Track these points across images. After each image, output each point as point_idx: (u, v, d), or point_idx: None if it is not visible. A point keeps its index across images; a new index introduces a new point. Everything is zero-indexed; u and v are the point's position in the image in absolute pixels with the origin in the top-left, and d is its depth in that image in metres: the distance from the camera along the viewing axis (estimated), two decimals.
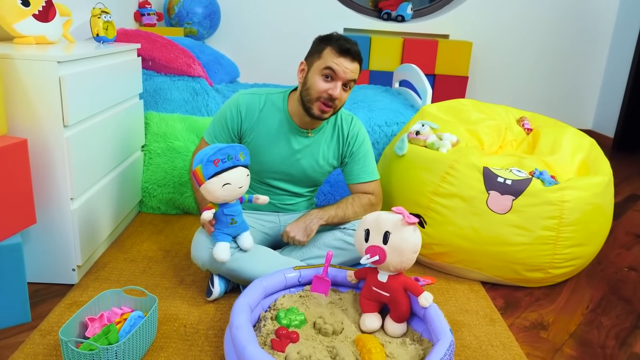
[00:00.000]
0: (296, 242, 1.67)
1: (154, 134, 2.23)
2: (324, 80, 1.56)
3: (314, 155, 1.72)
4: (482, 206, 1.71)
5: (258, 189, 1.78)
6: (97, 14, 1.96)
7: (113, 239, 1.98)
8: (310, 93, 1.58)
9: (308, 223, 1.67)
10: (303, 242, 1.66)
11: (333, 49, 1.55)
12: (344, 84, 1.57)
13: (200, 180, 1.42)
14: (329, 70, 1.54)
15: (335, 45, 1.55)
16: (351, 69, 1.55)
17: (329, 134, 1.73)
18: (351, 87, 1.61)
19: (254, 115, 1.68)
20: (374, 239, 1.42)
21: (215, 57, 2.90)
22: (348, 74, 1.55)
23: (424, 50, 3.79)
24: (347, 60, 1.54)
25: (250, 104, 1.68)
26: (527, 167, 1.80)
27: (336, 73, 1.54)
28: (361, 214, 1.72)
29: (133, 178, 2.15)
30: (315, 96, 1.57)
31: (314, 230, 1.66)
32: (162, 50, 2.32)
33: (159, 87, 2.33)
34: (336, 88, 1.55)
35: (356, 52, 1.56)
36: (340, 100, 1.59)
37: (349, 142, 1.73)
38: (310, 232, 1.66)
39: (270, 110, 1.68)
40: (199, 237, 1.58)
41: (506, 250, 1.71)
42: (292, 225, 1.67)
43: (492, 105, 2.26)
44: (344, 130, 1.74)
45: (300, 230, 1.66)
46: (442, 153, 1.84)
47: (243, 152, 1.47)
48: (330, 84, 1.55)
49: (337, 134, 1.73)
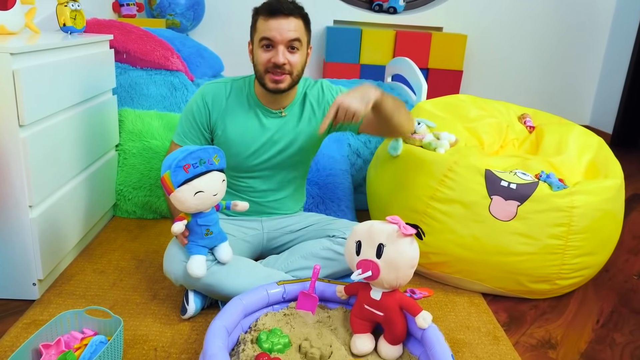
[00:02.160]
0: (349, 115, 1.29)
1: (128, 133, 2.06)
2: (265, 50, 1.44)
3: (292, 132, 1.58)
4: (484, 212, 1.56)
5: (237, 187, 1.63)
6: (64, 2, 1.78)
7: (82, 247, 1.82)
8: (258, 69, 1.47)
9: (364, 90, 1.34)
10: (359, 113, 1.29)
11: (262, 15, 1.44)
12: (288, 46, 1.43)
13: (169, 189, 1.26)
14: (265, 40, 1.42)
15: (264, 10, 1.44)
16: (288, 27, 1.41)
17: (302, 105, 1.59)
18: (300, 47, 1.45)
19: (221, 104, 1.55)
20: (366, 252, 1.27)
21: (197, 50, 2.72)
22: (285, 33, 1.41)
23: (417, 43, 3.64)
24: (280, 19, 1.41)
25: (216, 92, 1.56)
26: (532, 169, 1.65)
27: (272, 39, 1.41)
28: (407, 119, 1.51)
29: (106, 180, 1.98)
30: (262, 70, 1.46)
31: (371, 98, 1.32)
32: (137, 42, 2.15)
33: (135, 82, 2.16)
34: (278, 54, 1.42)
35: (288, 8, 1.42)
36: (292, 64, 1.45)
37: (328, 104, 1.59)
38: (368, 100, 1.32)
39: (237, 97, 1.56)
40: (171, 249, 1.42)
41: (510, 260, 1.57)
42: (343, 95, 1.31)
43: (491, 101, 2.11)
44: (316, 98, 1.59)
45: (356, 97, 1.31)
46: (440, 154, 1.70)
47: (217, 155, 1.32)
48: (271, 52, 1.43)
49: (311, 106, 1.59)
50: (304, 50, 1.48)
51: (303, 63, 1.49)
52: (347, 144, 2.24)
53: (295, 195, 1.73)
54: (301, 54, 1.47)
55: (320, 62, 3.90)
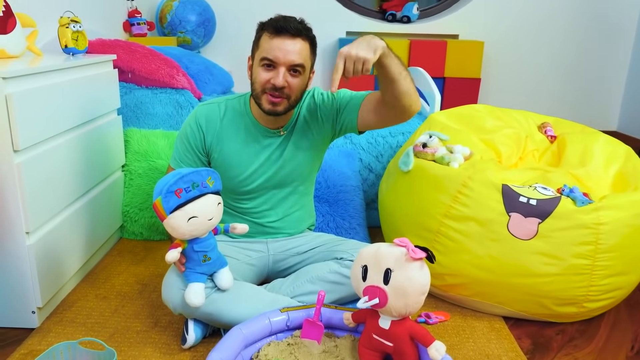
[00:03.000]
0: (358, 65, 1.18)
1: (134, 153, 2.02)
2: (265, 70, 1.37)
3: (290, 149, 1.50)
4: (502, 231, 1.46)
5: (238, 209, 1.57)
6: (65, 24, 1.76)
7: (86, 272, 1.77)
8: (255, 87, 1.40)
9: (369, 38, 1.22)
10: (369, 61, 1.19)
11: (268, 32, 1.36)
12: (290, 69, 1.35)
13: (161, 215, 1.20)
14: (267, 60, 1.35)
15: (270, 27, 1.36)
16: (292, 49, 1.34)
17: (296, 122, 1.51)
18: (302, 71, 1.38)
19: (215, 125, 1.49)
20: (373, 278, 1.19)
21: (206, 67, 2.69)
22: (289, 55, 1.33)
23: (432, 51, 3.54)
24: (285, 39, 1.33)
25: (210, 114, 1.50)
26: (553, 182, 1.55)
27: (274, 60, 1.34)
28: (412, 88, 1.33)
29: (112, 202, 1.94)
30: (260, 89, 1.39)
31: (378, 46, 1.20)
32: (142, 61, 2.11)
33: (140, 101, 2.12)
34: (278, 76, 1.34)
35: (296, 29, 1.34)
36: (292, 88, 1.37)
37: (327, 104, 1.50)
38: (376, 47, 1.20)
39: (232, 117, 1.50)
40: (170, 276, 1.36)
41: (532, 282, 1.46)
42: (348, 46, 1.20)
43: (509, 110, 2.01)
44: (308, 107, 1.51)
45: (361, 45, 1.19)
46: (454, 168, 1.60)
47: (211, 177, 1.25)
48: (272, 73, 1.36)
49: (304, 118, 1.51)
50: (306, 74, 1.41)
51: (303, 88, 1.42)
52: (359, 158, 2.16)
53: (302, 214, 1.66)
54: (302, 78, 1.40)
55: None
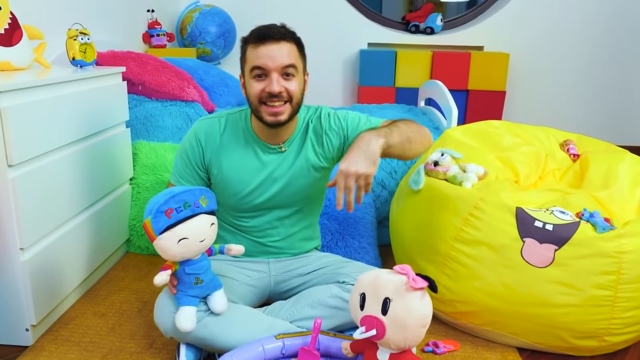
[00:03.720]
0: (361, 181, 1.19)
1: (142, 166, 2.00)
2: (257, 80, 1.32)
3: (293, 167, 1.45)
4: (515, 257, 1.36)
5: (240, 227, 1.52)
6: (73, 36, 1.75)
7: (88, 287, 1.74)
8: (252, 101, 1.35)
9: (365, 146, 1.22)
10: (370, 175, 1.19)
11: (251, 42, 1.32)
12: (283, 73, 1.31)
13: (150, 236, 1.15)
14: (257, 70, 1.31)
15: (252, 38, 1.32)
16: (279, 53, 1.30)
17: (303, 137, 1.46)
18: (296, 73, 1.33)
19: (215, 140, 1.44)
20: (370, 307, 1.11)
21: (221, 79, 2.67)
22: (277, 59, 1.29)
23: (456, 63, 3.45)
24: (270, 44, 1.30)
25: (209, 129, 1.45)
26: (573, 205, 1.44)
27: (264, 67, 1.30)
28: (420, 141, 1.33)
29: (118, 215, 1.92)
30: (256, 102, 1.34)
31: (376, 152, 1.21)
32: (153, 73, 2.10)
33: (150, 114, 2.10)
34: (272, 82, 1.30)
35: (279, 32, 1.31)
36: (290, 91, 1.33)
37: (334, 131, 1.45)
38: (374, 156, 1.21)
39: (232, 132, 1.45)
40: (162, 298, 1.31)
41: (548, 312, 1.36)
42: (345, 161, 1.20)
43: (529, 127, 1.91)
44: (315, 129, 1.46)
45: (359, 159, 1.20)
46: (466, 189, 1.51)
47: (205, 196, 1.20)
48: (265, 82, 1.31)
49: (312, 132, 1.46)
50: (300, 76, 1.36)
51: (301, 90, 1.37)
52: None
53: (306, 233, 1.59)
54: (298, 81, 1.35)
55: (355, 86, 3.77)
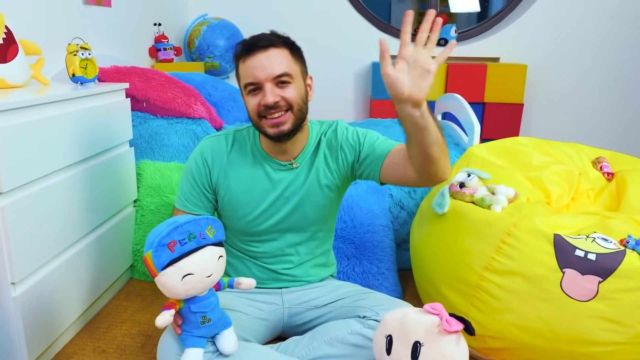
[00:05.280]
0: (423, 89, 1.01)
1: (147, 187, 1.90)
2: (253, 95, 1.25)
3: (306, 185, 1.34)
4: (554, 289, 1.23)
5: (249, 252, 1.41)
6: (73, 51, 1.66)
7: (88, 318, 1.63)
8: (252, 117, 1.28)
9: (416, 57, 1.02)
10: (431, 72, 1.01)
11: (241, 56, 1.25)
12: (276, 82, 1.22)
13: (152, 272, 1.04)
14: (250, 85, 1.24)
15: (241, 50, 1.25)
16: (269, 62, 1.22)
17: (315, 152, 1.36)
18: (292, 80, 1.24)
19: (222, 159, 1.35)
20: (398, 351, 0.99)
21: (230, 93, 2.57)
22: (268, 69, 1.21)
23: (471, 75, 3.34)
24: (258, 54, 1.22)
25: (216, 147, 1.36)
26: (615, 231, 1.31)
27: (255, 79, 1.22)
28: (445, 160, 1.17)
29: (121, 240, 1.81)
30: (256, 117, 1.26)
31: (431, 62, 1.01)
32: (158, 89, 2.00)
33: (155, 132, 2.00)
34: (266, 94, 1.21)
35: (266, 39, 1.24)
36: (288, 99, 1.23)
37: (350, 145, 1.34)
38: (428, 65, 1.01)
39: (240, 150, 1.36)
40: (165, 339, 1.19)
41: (591, 351, 1.23)
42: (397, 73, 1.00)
43: (558, 143, 1.78)
44: (329, 144, 1.36)
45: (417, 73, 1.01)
46: (496, 213, 1.39)
47: (212, 226, 1.09)
48: (259, 95, 1.24)
49: (324, 155, 1.35)
50: (299, 82, 1.27)
51: (303, 96, 1.28)
52: (389, 194, 1.97)
53: (321, 259, 1.48)
54: (296, 87, 1.25)
55: (367, 100, 3.67)
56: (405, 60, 1.02)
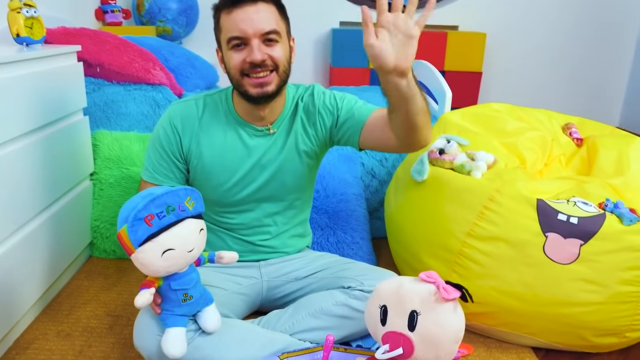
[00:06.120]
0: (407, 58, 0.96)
1: (104, 159, 1.77)
2: (236, 50, 1.15)
3: (284, 152, 1.28)
4: (537, 254, 1.24)
5: (224, 224, 1.35)
6: (16, 8, 1.49)
7: (48, 301, 1.52)
8: (233, 75, 1.18)
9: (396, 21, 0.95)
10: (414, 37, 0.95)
11: (224, 8, 1.15)
12: (264, 39, 1.14)
13: (128, 249, 0.95)
14: (235, 40, 1.14)
15: (224, 3, 1.15)
16: (257, 17, 1.13)
17: (293, 117, 1.29)
18: (279, 39, 1.16)
19: (193, 125, 1.26)
20: (394, 322, 0.96)
21: (187, 59, 2.43)
22: (257, 23, 1.13)
23: (432, 43, 3.33)
24: (246, 7, 1.14)
25: (185, 113, 1.27)
26: (592, 195, 1.33)
27: (242, 33, 1.13)
28: (428, 117, 1.12)
29: (78, 217, 1.68)
30: (238, 75, 1.17)
31: (412, 27, 0.95)
32: (113, 52, 1.85)
33: (111, 99, 1.86)
34: (253, 51, 1.13)
35: None
36: (275, 59, 1.16)
37: (328, 110, 1.28)
38: (410, 30, 0.95)
39: (212, 115, 1.27)
40: (142, 319, 1.11)
41: (571, 312, 1.25)
42: (380, 44, 0.94)
43: (531, 110, 1.79)
44: (306, 109, 1.29)
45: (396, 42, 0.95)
46: (477, 179, 1.38)
47: (191, 197, 1.01)
48: (245, 51, 1.15)
49: (301, 120, 1.29)
50: (285, 42, 1.19)
51: (288, 57, 1.20)
52: (360, 163, 1.93)
53: (299, 229, 1.43)
54: (283, 47, 1.18)
55: (326, 67, 3.59)
56: (386, 29, 0.96)
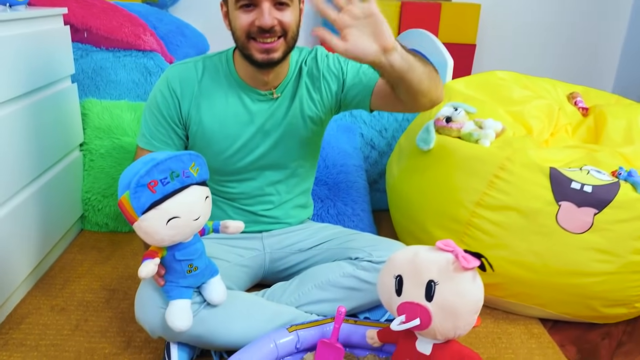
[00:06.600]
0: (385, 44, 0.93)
1: (94, 129, 1.69)
2: (245, 11, 1.07)
3: (288, 118, 1.23)
4: (549, 223, 1.21)
5: (225, 194, 1.30)
6: None
7: (39, 275, 1.46)
8: (238, 36, 1.11)
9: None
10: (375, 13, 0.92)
11: None
12: (276, 2, 1.07)
13: (130, 217, 0.90)
14: None
15: None
16: None
17: (297, 82, 1.24)
18: (291, 2, 1.09)
19: (192, 88, 1.19)
20: (410, 292, 0.93)
21: (177, 27, 2.34)
22: None
23: (425, 15, 3.25)
24: None
25: (184, 75, 1.20)
26: (604, 164, 1.30)
27: None
28: (435, 77, 1.09)
29: (69, 188, 1.61)
30: (244, 37, 1.09)
31: (366, 6, 0.92)
32: (100, 16, 1.76)
33: (100, 66, 1.77)
34: (263, 14, 1.06)
35: None
36: (285, 24, 1.09)
37: (333, 74, 1.23)
38: (368, 10, 0.92)
39: (212, 78, 1.21)
40: (144, 291, 1.06)
41: (583, 282, 1.23)
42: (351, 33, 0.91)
43: (535, 78, 1.75)
44: (310, 73, 1.24)
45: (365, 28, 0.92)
46: (485, 147, 1.34)
47: (195, 163, 0.95)
48: (254, 13, 1.07)
49: (307, 76, 1.24)
50: (296, 5, 1.12)
51: (297, 22, 1.13)
52: (360, 133, 1.88)
53: (301, 199, 1.39)
54: (294, 11, 1.10)
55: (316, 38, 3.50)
56: (349, 26, 0.92)
